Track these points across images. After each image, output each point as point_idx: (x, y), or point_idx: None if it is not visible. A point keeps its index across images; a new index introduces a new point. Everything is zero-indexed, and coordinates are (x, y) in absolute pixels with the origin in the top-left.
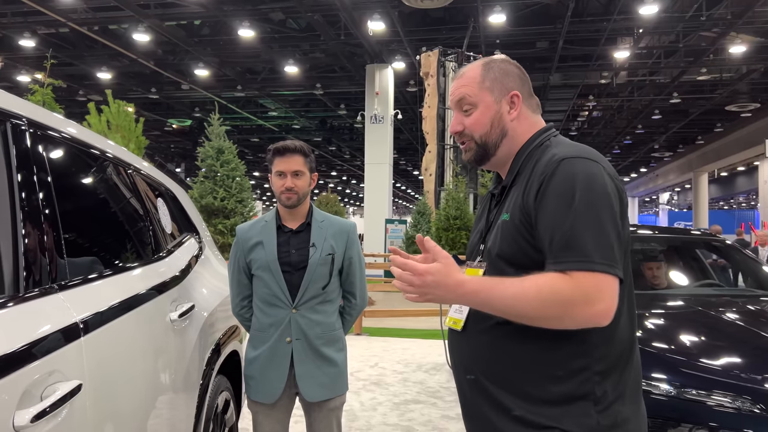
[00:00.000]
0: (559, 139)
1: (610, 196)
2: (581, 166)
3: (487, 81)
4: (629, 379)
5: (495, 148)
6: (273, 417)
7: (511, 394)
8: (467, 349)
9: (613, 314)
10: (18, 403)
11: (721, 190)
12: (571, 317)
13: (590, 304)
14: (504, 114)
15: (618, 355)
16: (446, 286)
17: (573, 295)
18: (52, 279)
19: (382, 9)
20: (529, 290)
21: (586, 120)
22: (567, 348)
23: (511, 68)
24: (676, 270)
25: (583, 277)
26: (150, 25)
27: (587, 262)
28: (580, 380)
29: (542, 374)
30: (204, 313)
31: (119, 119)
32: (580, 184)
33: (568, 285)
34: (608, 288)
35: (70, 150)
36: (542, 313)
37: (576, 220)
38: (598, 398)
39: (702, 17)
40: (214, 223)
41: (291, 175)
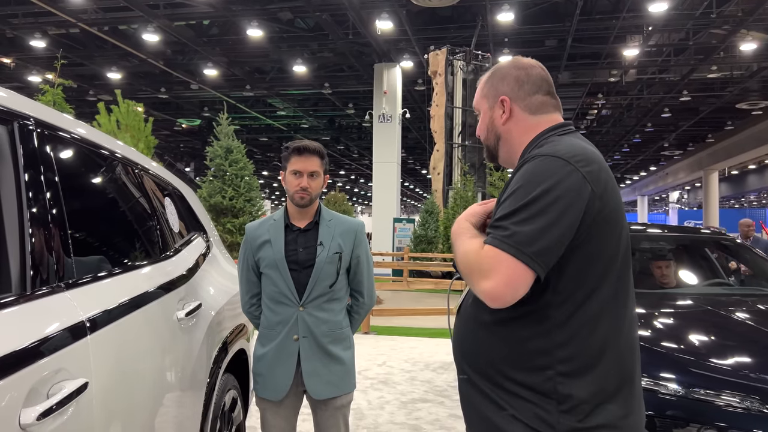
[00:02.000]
0: (563, 138)
1: (561, 197)
2: (546, 162)
3: (485, 88)
4: (608, 384)
5: (496, 150)
6: (280, 415)
7: (486, 380)
8: (456, 332)
9: (503, 297)
10: (24, 401)
11: (732, 189)
12: (473, 285)
13: (482, 278)
14: (496, 119)
15: (590, 360)
16: (458, 219)
17: (474, 263)
18: (59, 277)
19: (390, 8)
20: (461, 248)
21: (595, 118)
22: (532, 344)
23: (510, 72)
24: (685, 269)
25: (487, 250)
26: (159, 25)
27: (499, 240)
28: (543, 377)
29: (510, 366)
30: (211, 311)
31: (129, 119)
32: (528, 176)
33: (475, 254)
34: (506, 270)
35: (78, 149)
36: (463, 272)
37: (509, 205)
38: (563, 398)
39: (712, 14)
40: (222, 222)
41: (307, 175)
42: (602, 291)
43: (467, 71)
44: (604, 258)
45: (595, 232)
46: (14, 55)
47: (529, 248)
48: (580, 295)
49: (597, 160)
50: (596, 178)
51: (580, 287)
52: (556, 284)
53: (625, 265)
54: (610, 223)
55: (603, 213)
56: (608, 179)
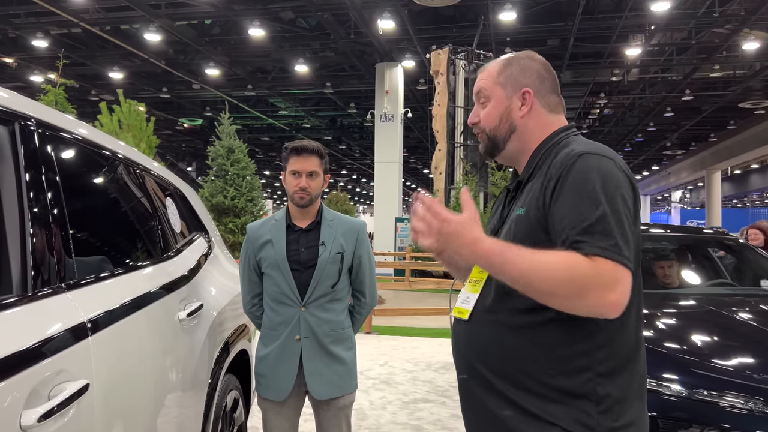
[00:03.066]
0: (578, 137)
1: (626, 193)
2: (597, 162)
3: (502, 76)
4: (634, 382)
5: (504, 143)
6: (282, 415)
7: (513, 386)
8: (471, 340)
9: (623, 308)
10: (25, 402)
11: (735, 188)
12: (584, 300)
13: (605, 292)
14: (514, 110)
15: (624, 358)
16: (463, 239)
17: (590, 278)
18: (60, 278)
19: (392, 7)
20: (547, 263)
21: (598, 118)
22: (571, 346)
23: (531, 65)
24: (688, 269)
25: (604, 263)
26: (161, 25)
27: (610, 250)
28: (582, 380)
29: (545, 370)
30: (213, 311)
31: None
32: (598, 178)
33: (588, 267)
34: (624, 280)
35: (79, 150)
36: (556, 289)
37: (598, 210)
38: (601, 398)
39: (714, 14)
40: (224, 221)
41: (306, 175)
42: (635, 289)
43: (469, 71)
44: (637, 256)
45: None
46: (16, 55)
47: (630, 256)
48: None
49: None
50: (632, 176)
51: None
52: None
53: (639, 263)
54: (637, 217)
55: (636, 208)
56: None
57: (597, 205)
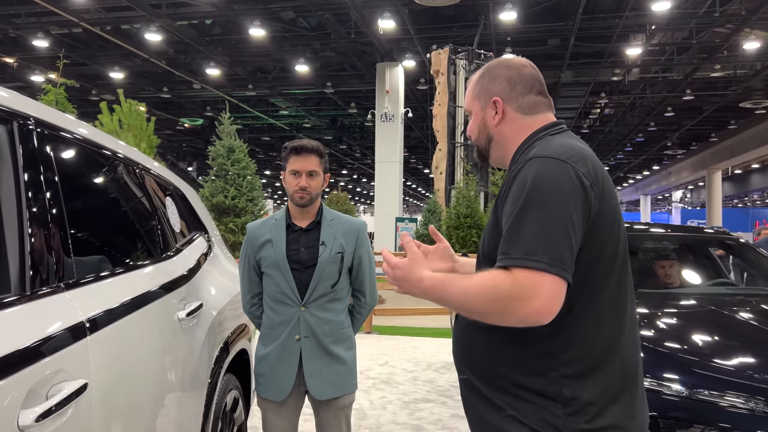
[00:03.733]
0: (550, 138)
1: (566, 198)
2: (544, 165)
3: (476, 89)
4: (612, 386)
5: (487, 152)
6: (282, 415)
7: (487, 383)
8: (455, 337)
9: (553, 313)
10: (23, 402)
11: (735, 188)
12: (511, 313)
13: (526, 301)
14: (488, 120)
15: (594, 361)
16: (409, 281)
17: (510, 291)
18: (58, 278)
19: (393, 7)
20: (474, 286)
21: (598, 117)
22: (533, 347)
23: (501, 72)
24: (689, 269)
25: (520, 273)
26: (162, 25)
27: (524, 259)
28: (547, 381)
29: (512, 369)
30: (213, 311)
31: (131, 118)
32: (533, 183)
33: (507, 281)
34: (544, 286)
35: (78, 149)
36: (486, 308)
37: (520, 218)
38: (568, 400)
39: (715, 13)
40: (224, 221)
41: (306, 174)
42: (604, 292)
43: (470, 70)
44: (604, 259)
45: (595, 233)
46: (17, 54)
47: (554, 259)
48: (582, 297)
49: (591, 158)
50: (594, 178)
51: (582, 289)
52: None
53: (624, 266)
54: (609, 223)
55: (602, 213)
56: (605, 178)
57: (521, 214)
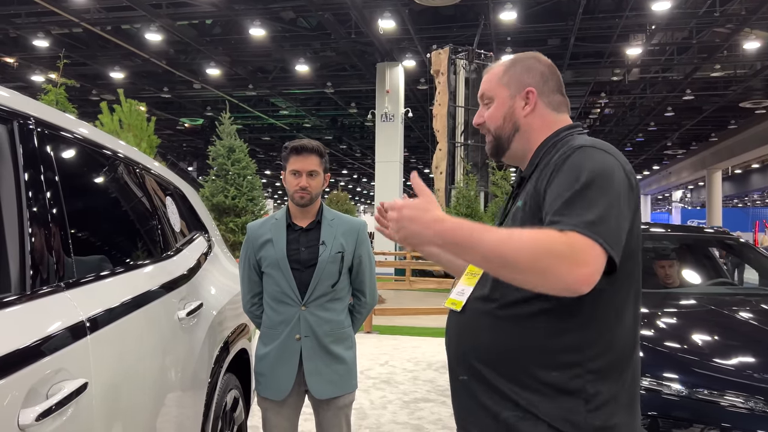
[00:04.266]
0: (583, 135)
1: (621, 187)
2: (597, 155)
3: (506, 77)
4: (627, 384)
5: (508, 143)
6: (282, 414)
7: (504, 378)
8: (464, 331)
9: (592, 284)
10: (23, 401)
11: (735, 188)
12: (555, 274)
13: (576, 265)
14: (517, 109)
15: (617, 358)
16: (423, 221)
17: (565, 250)
18: (59, 277)
19: (393, 7)
20: (521, 236)
21: (598, 117)
22: (563, 340)
23: (535, 65)
24: (689, 268)
25: (577, 237)
26: (162, 25)
27: (585, 227)
28: (571, 375)
29: (534, 363)
30: (213, 311)
31: (131, 118)
32: (592, 167)
33: (563, 239)
34: (596, 257)
35: (78, 149)
36: (529, 262)
37: (581, 196)
38: (591, 396)
39: (715, 13)
40: (225, 221)
41: (306, 174)
42: (630, 287)
43: (470, 70)
44: (634, 254)
45: (632, 229)
46: (17, 54)
47: (610, 237)
48: (611, 290)
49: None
50: (633, 175)
51: (612, 282)
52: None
53: (639, 263)
54: (638, 219)
55: (636, 210)
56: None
57: (582, 185)
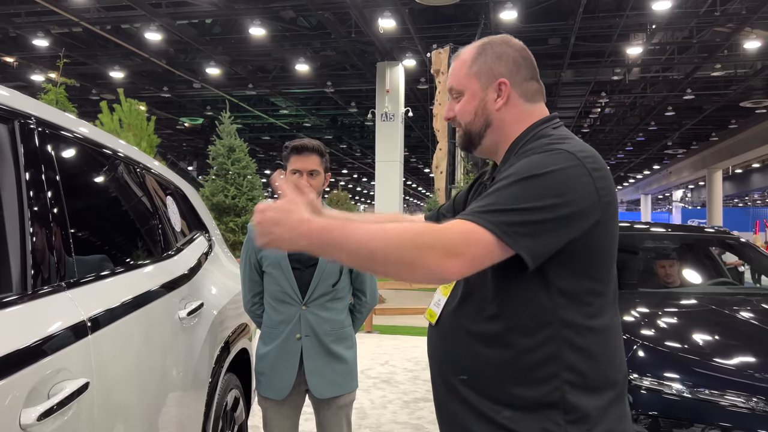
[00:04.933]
0: (559, 130)
1: (565, 192)
2: (553, 158)
3: (476, 66)
4: (610, 391)
5: (479, 138)
6: (283, 414)
7: (478, 393)
8: (439, 344)
9: (463, 273)
10: (25, 401)
11: (736, 188)
12: (424, 265)
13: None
14: (489, 102)
15: (597, 365)
16: (287, 223)
17: (433, 241)
18: (60, 277)
19: (393, 6)
20: (392, 230)
21: (599, 117)
22: (534, 355)
23: (506, 51)
24: (689, 268)
25: (457, 225)
26: (162, 24)
27: (475, 214)
28: (549, 389)
29: (511, 380)
30: (213, 310)
31: (131, 118)
32: (533, 168)
33: (436, 230)
34: (476, 245)
35: (79, 148)
36: (398, 255)
37: (507, 187)
38: (570, 408)
39: (716, 12)
40: (225, 221)
41: (307, 174)
42: (605, 294)
43: None
44: (606, 262)
45: (600, 236)
46: (17, 54)
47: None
48: (585, 299)
49: (602, 161)
50: (602, 180)
51: (586, 291)
52: (560, 287)
53: (614, 268)
54: (611, 227)
55: (607, 217)
56: (611, 181)
57: (510, 182)
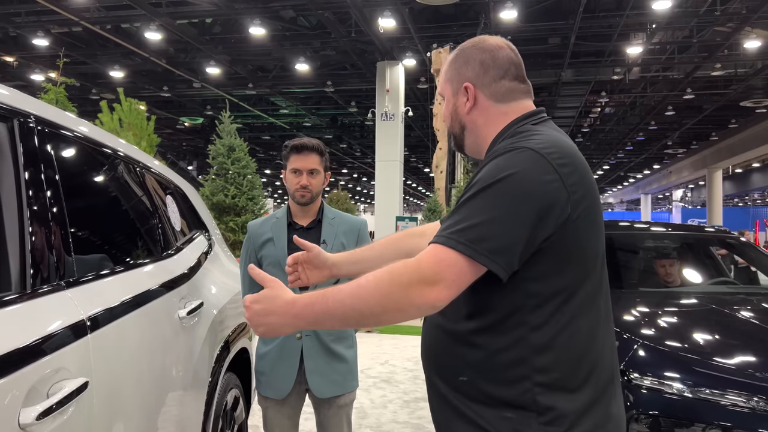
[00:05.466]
0: (529, 128)
1: (532, 193)
2: (521, 156)
3: (450, 71)
4: (594, 391)
5: (461, 140)
6: (283, 413)
7: (456, 391)
8: (423, 342)
9: (449, 298)
10: (24, 400)
11: (736, 187)
12: (411, 303)
13: (426, 286)
14: (460, 107)
15: (570, 367)
16: (276, 310)
17: (409, 276)
18: (59, 276)
19: (393, 6)
20: (367, 283)
21: (599, 116)
22: (507, 354)
23: (473, 54)
24: (690, 267)
25: (430, 251)
26: (162, 24)
27: (445, 236)
28: (521, 390)
29: (483, 377)
30: (213, 310)
31: (131, 117)
32: (500, 170)
33: (408, 265)
34: (451, 267)
35: (78, 147)
36: (382, 303)
37: (468, 201)
38: (543, 409)
39: (716, 12)
40: (225, 220)
41: (306, 173)
42: (579, 294)
43: None
44: (581, 260)
45: (572, 233)
46: (17, 53)
47: (477, 245)
48: (556, 299)
49: (573, 154)
50: (572, 175)
51: (557, 291)
52: (530, 288)
53: (602, 267)
54: (587, 223)
55: (580, 212)
56: (585, 174)
57: (471, 194)
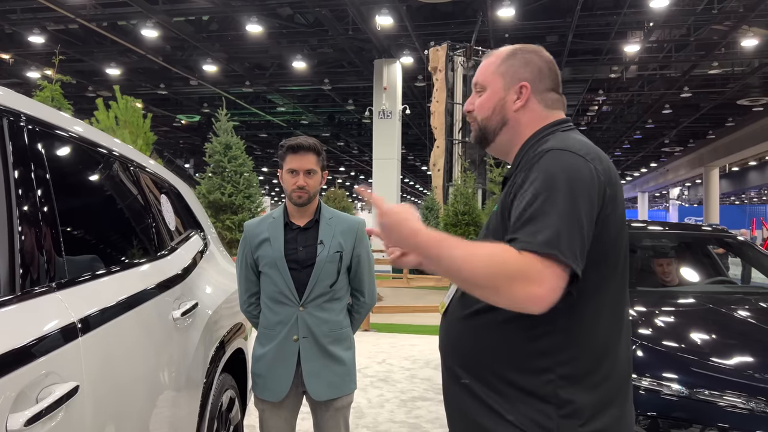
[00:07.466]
0: (563, 134)
1: (584, 193)
2: (565, 157)
3: (503, 66)
4: (611, 387)
5: (494, 135)
6: (279, 415)
7: (478, 381)
8: (444, 333)
9: (549, 304)
10: (12, 405)
11: (732, 185)
12: (510, 293)
13: (529, 285)
14: (508, 102)
15: (591, 363)
16: (401, 231)
17: (518, 271)
18: (49, 277)
19: (390, 3)
20: (480, 255)
21: (596, 115)
22: (531, 345)
23: (533, 59)
24: (687, 267)
25: (530, 257)
26: (158, 21)
27: (539, 245)
28: (543, 381)
29: (506, 367)
30: (208, 310)
31: (127, 115)
32: (553, 173)
33: (517, 259)
34: (552, 275)
35: (70, 146)
36: (485, 280)
37: (537, 207)
38: (563, 402)
39: (713, 10)
40: (221, 218)
41: (303, 173)
42: (605, 293)
43: (467, 67)
44: (610, 260)
45: (605, 234)
46: (13, 51)
47: (571, 252)
48: (584, 296)
49: (606, 159)
50: (608, 178)
51: (585, 288)
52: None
53: (625, 267)
54: (617, 223)
55: (611, 213)
56: (617, 179)
57: (538, 203)
